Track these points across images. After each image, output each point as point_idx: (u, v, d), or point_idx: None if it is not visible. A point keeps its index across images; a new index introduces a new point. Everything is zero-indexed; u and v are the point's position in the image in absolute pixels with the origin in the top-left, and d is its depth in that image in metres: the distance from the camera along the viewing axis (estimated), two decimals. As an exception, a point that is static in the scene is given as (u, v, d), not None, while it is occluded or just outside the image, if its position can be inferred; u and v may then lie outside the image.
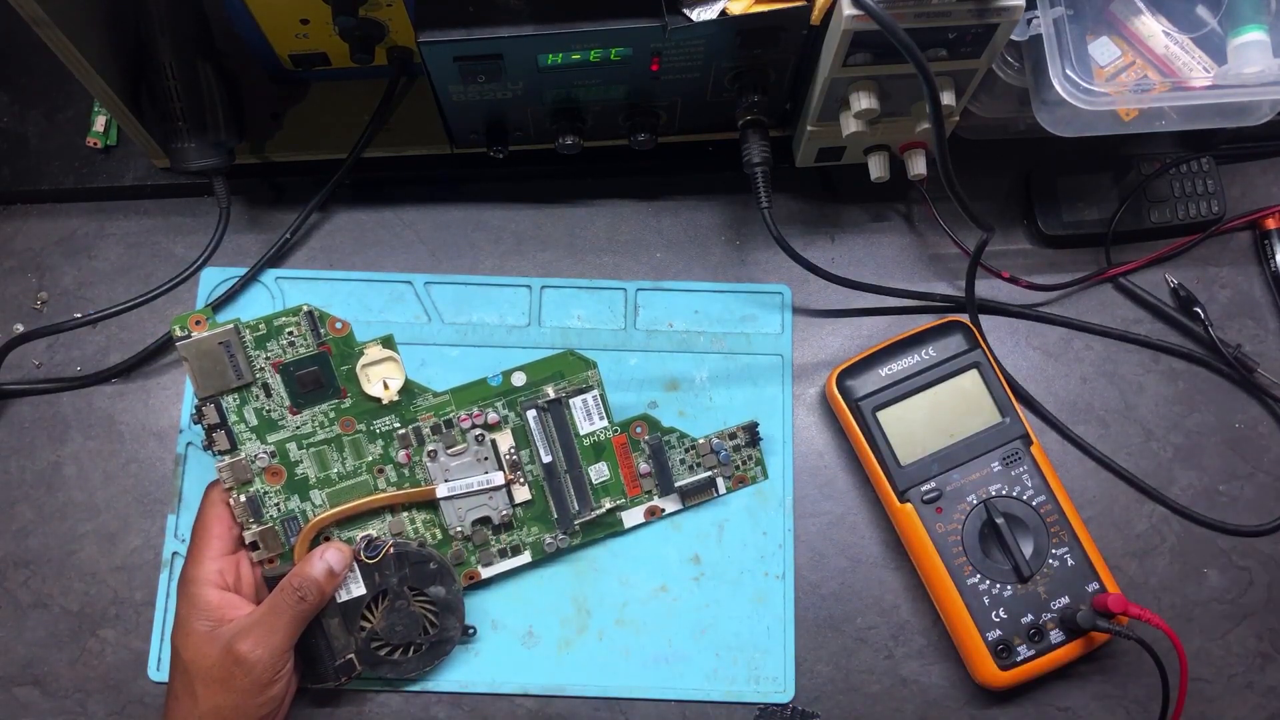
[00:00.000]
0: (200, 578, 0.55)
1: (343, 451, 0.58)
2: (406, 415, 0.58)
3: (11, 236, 0.68)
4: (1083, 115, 0.57)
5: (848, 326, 0.69)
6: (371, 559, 0.57)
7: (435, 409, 0.58)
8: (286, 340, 0.56)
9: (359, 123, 0.65)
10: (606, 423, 0.61)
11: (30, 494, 0.64)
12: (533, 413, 0.59)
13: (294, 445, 0.57)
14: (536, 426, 0.60)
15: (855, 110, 0.59)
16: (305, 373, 0.56)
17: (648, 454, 0.62)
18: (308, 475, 0.57)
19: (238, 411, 0.56)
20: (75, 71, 0.57)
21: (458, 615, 0.59)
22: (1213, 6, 0.58)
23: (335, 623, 0.57)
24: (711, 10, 0.54)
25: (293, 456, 0.57)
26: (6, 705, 0.61)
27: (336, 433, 0.57)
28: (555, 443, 0.60)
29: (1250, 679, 0.63)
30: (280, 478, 0.57)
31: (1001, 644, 0.60)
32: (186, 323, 0.55)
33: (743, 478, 0.63)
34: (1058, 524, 0.61)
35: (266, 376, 0.56)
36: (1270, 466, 0.66)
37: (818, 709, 0.61)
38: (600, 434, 0.61)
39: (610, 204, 0.70)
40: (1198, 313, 0.68)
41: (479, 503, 0.59)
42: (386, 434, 0.58)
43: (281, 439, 0.57)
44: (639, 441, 0.62)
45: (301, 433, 0.57)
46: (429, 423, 0.58)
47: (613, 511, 0.61)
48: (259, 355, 0.56)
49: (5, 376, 0.65)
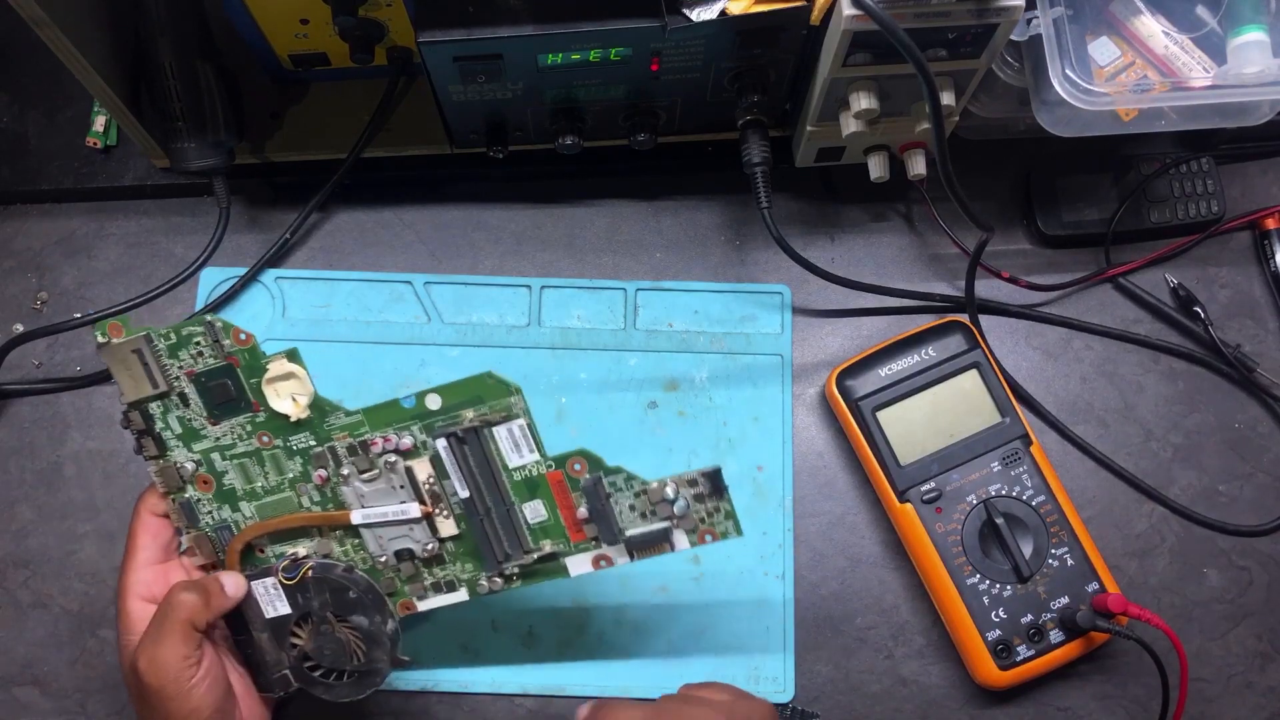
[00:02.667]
0: (125, 588, 0.53)
1: (264, 465, 0.55)
2: (320, 434, 0.54)
3: (11, 236, 0.68)
4: (1082, 115, 0.57)
5: (847, 326, 0.69)
6: (289, 580, 0.54)
7: (349, 429, 0.54)
8: (195, 350, 0.53)
9: (359, 123, 0.65)
10: (538, 455, 0.52)
11: (30, 494, 0.64)
12: (443, 441, 0.53)
13: (217, 456, 0.55)
14: (448, 456, 0.53)
15: (855, 110, 0.59)
16: (214, 384, 0.53)
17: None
18: (234, 486, 0.55)
19: (163, 418, 0.54)
20: (75, 71, 0.57)
21: (384, 648, 0.54)
22: (1213, 6, 0.58)
23: (265, 637, 0.55)
24: (711, 10, 0.54)
25: (218, 467, 0.55)
26: (6, 705, 0.61)
27: (255, 446, 0.54)
28: (475, 476, 0.53)
29: (1250, 679, 0.63)
30: (210, 486, 0.55)
31: (1001, 644, 0.60)
32: (106, 329, 0.53)
33: (710, 531, 0.52)
34: (1057, 524, 0.61)
35: (183, 386, 0.54)
36: (1270, 466, 0.66)
37: (818, 709, 0.61)
38: (532, 468, 0.53)
39: (610, 204, 0.70)
40: (1198, 313, 0.68)
41: (399, 533, 0.55)
42: (303, 451, 0.54)
43: (205, 449, 0.55)
44: (577, 480, 0.52)
45: (223, 444, 0.55)
46: (344, 443, 0.54)
47: (555, 557, 0.54)
48: (173, 364, 0.53)
49: (5, 376, 0.65)
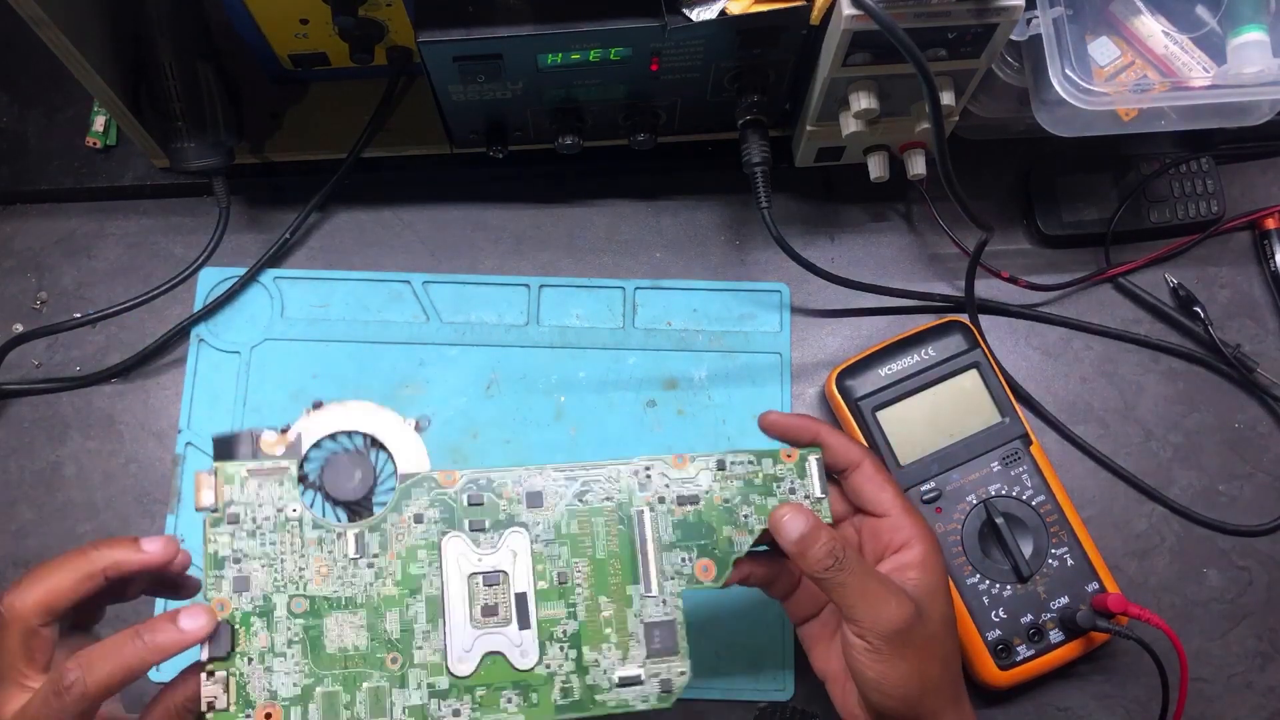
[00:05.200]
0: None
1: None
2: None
3: (11, 236, 0.68)
4: (1082, 115, 0.57)
5: (847, 326, 0.69)
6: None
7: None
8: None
9: (359, 123, 0.65)
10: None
11: (30, 494, 0.64)
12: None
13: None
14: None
15: (855, 110, 0.59)
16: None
17: None
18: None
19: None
20: (75, 71, 0.57)
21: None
22: (1212, 6, 0.58)
23: None
24: (711, 10, 0.54)
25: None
26: (6, 705, 0.61)
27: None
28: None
29: (1250, 679, 0.63)
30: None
31: (1001, 644, 0.60)
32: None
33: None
34: (1057, 524, 0.61)
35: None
36: (1270, 466, 0.66)
37: (817, 708, 0.61)
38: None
39: (610, 204, 0.70)
40: (1197, 312, 0.68)
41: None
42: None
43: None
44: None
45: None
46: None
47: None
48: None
49: (5, 376, 0.65)
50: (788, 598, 0.53)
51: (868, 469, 0.50)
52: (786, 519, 0.47)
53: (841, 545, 0.46)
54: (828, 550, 0.46)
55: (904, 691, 0.46)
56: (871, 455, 0.51)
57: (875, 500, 0.50)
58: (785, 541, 0.47)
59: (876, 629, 0.45)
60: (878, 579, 0.47)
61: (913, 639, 0.46)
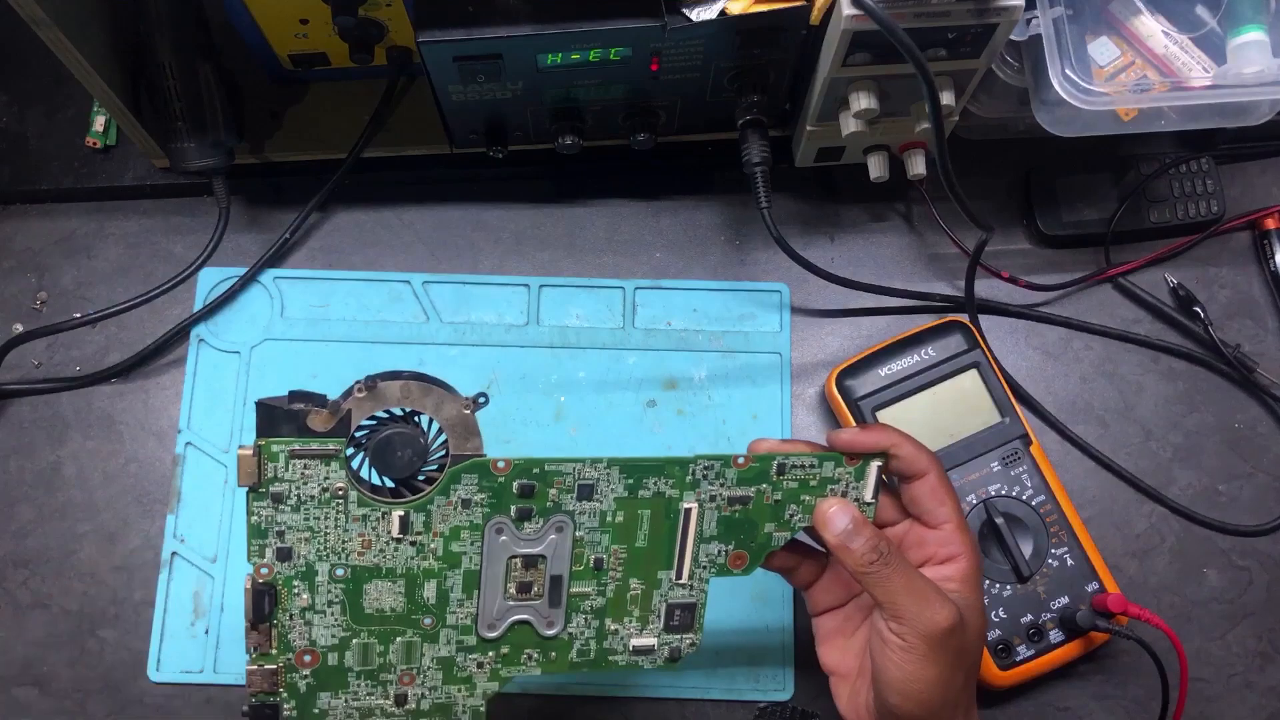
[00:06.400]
0: None
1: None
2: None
3: (11, 236, 0.68)
4: (1082, 115, 0.57)
5: (847, 326, 0.69)
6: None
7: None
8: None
9: (359, 123, 0.65)
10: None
11: (30, 494, 0.64)
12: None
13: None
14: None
15: (855, 110, 0.59)
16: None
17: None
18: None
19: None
20: (75, 71, 0.57)
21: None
22: (1212, 6, 0.58)
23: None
24: (711, 10, 0.54)
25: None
26: (6, 705, 0.61)
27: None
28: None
29: (1250, 679, 0.63)
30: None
31: (1001, 644, 0.60)
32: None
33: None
34: (1057, 524, 0.61)
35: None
36: (1270, 466, 0.66)
37: (817, 708, 0.61)
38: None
39: (609, 204, 0.70)
40: (1197, 312, 0.68)
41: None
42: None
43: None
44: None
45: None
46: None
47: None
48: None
49: (5, 376, 0.65)
50: (809, 586, 0.53)
51: (932, 480, 0.49)
52: (832, 512, 0.47)
53: (886, 541, 0.47)
54: (872, 545, 0.46)
55: (927, 696, 0.46)
56: (939, 468, 0.49)
57: (932, 512, 0.49)
58: (830, 534, 0.47)
59: (919, 627, 0.45)
60: (924, 579, 0.46)
61: (949, 644, 0.46)
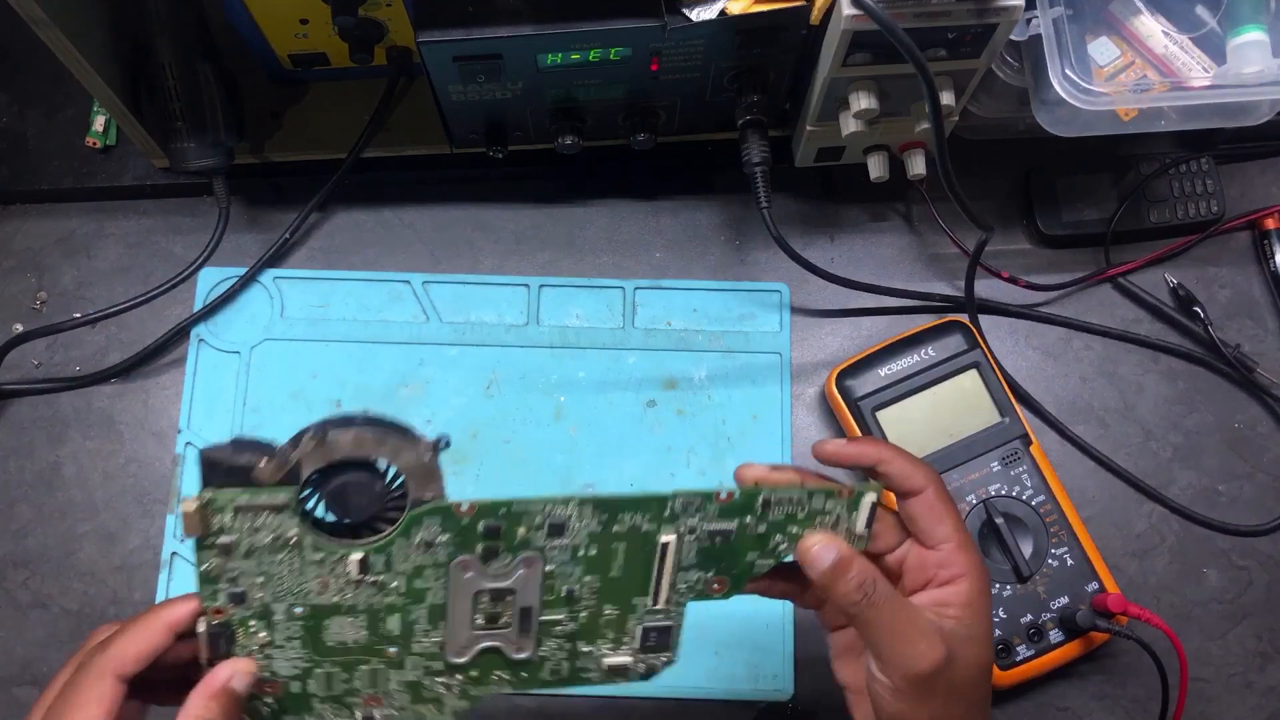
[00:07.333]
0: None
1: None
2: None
3: (11, 236, 0.68)
4: (1082, 115, 0.57)
5: (847, 326, 0.69)
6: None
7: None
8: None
9: (358, 123, 0.65)
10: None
11: (30, 494, 0.64)
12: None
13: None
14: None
15: (855, 110, 0.59)
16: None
17: None
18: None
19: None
20: (75, 71, 0.57)
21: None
22: (1212, 6, 0.58)
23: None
24: (711, 10, 0.54)
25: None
26: (6, 705, 0.61)
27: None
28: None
29: (1250, 679, 0.63)
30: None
31: (1001, 644, 0.60)
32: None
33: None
34: (1057, 524, 0.61)
35: None
36: (1270, 466, 0.66)
37: (817, 708, 0.61)
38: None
39: (609, 204, 0.70)
40: (1197, 312, 0.68)
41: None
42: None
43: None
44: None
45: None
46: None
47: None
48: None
49: (4, 376, 0.65)
50: (820, 607, 0.50)
51: (929, 497, 0.45)
52: (816, 550, 0.44)
53: (872, 579, 0.44)
54: (857, 584, 0.43)
55: None
56: (937, 483, 0.46)
57: (929, 531, 0.45)
58: (813, 573, 0.44)
59: (902, 670, 0.43)
60: (909, 616, 0.44)
61: (936, 686, 0.43)
